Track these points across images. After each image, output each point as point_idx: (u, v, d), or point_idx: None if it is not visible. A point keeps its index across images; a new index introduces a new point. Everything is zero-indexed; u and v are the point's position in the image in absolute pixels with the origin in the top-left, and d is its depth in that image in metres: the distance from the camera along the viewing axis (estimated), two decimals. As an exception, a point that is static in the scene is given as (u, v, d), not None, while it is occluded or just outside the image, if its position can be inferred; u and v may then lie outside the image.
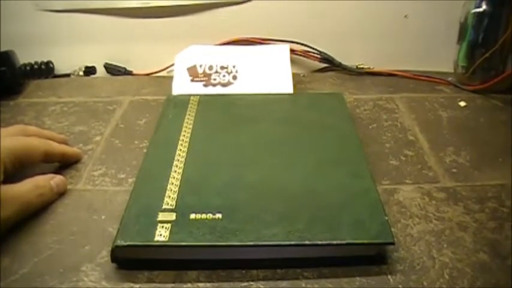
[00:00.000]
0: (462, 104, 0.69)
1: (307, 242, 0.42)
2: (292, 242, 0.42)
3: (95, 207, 0.51)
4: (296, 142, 0.56)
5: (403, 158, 0.58)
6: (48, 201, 0.51)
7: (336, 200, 0.46)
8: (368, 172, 0.51)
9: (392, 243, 0.42)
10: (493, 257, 0.44)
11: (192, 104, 0.63)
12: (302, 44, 0.79)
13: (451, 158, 0.58)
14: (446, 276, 0.42)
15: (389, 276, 0.42)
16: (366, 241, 0.42)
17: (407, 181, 0.54)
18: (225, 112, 0.62)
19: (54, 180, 0.52)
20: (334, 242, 0.42)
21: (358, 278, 0.42)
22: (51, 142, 0.56)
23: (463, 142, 0.61)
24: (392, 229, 0.45)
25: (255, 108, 0.63)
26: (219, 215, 0.44)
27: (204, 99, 0.65)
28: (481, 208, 0.50)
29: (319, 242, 0.42)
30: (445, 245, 0.45)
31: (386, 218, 0.44)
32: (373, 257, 0.44)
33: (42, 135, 0.56)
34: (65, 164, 0.57)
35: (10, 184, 0.47)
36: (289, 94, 0.68)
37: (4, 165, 0.48)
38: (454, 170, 0.56)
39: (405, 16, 0.78)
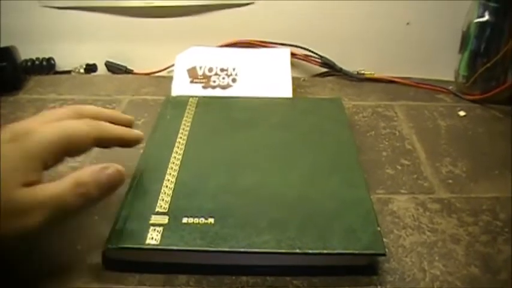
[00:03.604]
0: (461, 113, 0.69)
1: (297, 251, 0.42)
2: (283, 250, 0.42)
3: (89, 207, 0.51)
4: (292, 148, 0.56)
5: (399, 167, 0.58)
6: (93, 201, 0.41)
7: (329, 209, 0.46)
8: (363, 181, 0.50)
9: (384, 255, 0.42)
10: (484, 272, 0.43)
11: (190, 105, 0.63)
12: (303, 48, 0.79)
13: (447, 168, 0.58)
14: (437, 289, 0.42)
15: (379, 287, 0.42)
16: (356, 251, 0.42)
17: (402, 191, 0.54)
18: (223, 115, 0.62)
19: (105, 172, 0.42)
20: (325, 252, 0.42)
21: (347, 289, 0.42)
22: (105, 126, 0.46)
23: (460, 153, 0.61)
24: (385, 239, 0.45)
25: (253, 111, 0.62)
26: (211, 220, 0.44)
27: (203, 101, 0.65)
28: (474, 221, 0.49)
29: (310, 251, 0.42)
30: (436, 258, 0.45)
31: (379, 228, 0.44)
32: (364, 267, 0.44)
33: (100, 117, 0.47)
34: (123, 147, 0.49)
35: (45, 183, 0.39)
36: (288, 98, 0.68)
37: (43, 162, 0.40)
38: (450, 181, 0.56)
39: (407, 23, 0.78)
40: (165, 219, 0.45)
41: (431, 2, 0.76)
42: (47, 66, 0.83)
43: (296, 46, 0.78)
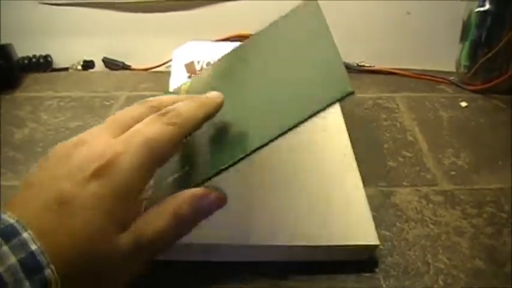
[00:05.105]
0: (463, 104, 0.68)
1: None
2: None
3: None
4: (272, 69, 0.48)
5: (401, 159, 0.57)
6: (188, 231, 0.36)
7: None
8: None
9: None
10: (489, 264, 0.43)
11: (182, 92, 0.61)
12: (302, 41, 0.78)
13: (450, 160, 0.57)
14: (441, 283, 0.41)
15: (382, 282, 0.41)
16: None
17: (404, 183, 0.53)
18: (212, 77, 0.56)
19: (206, 201, 0.36)
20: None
21: (350, 284, 0.41)
22: (186, 117, 0.37)
23: (462, 144, 0.60)
24: (388, 233, 0.45)
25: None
26: (187, 168, 0.40)
27: (193, 81, 0.61)
28: (478, 213, 0.49)
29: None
30: (440, 251, 0.44)
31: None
32: (366, 262, 0.43)
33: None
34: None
35: (141, 221, 0.35)
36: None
37: (137, 191, 0.34)
38: (453, 173, 0.55)
39: (407, 13, 0.77)
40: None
41: (431, -9, 0.75)
42: (44, 64, 0.82)
43: (295, 39, 0.77)
